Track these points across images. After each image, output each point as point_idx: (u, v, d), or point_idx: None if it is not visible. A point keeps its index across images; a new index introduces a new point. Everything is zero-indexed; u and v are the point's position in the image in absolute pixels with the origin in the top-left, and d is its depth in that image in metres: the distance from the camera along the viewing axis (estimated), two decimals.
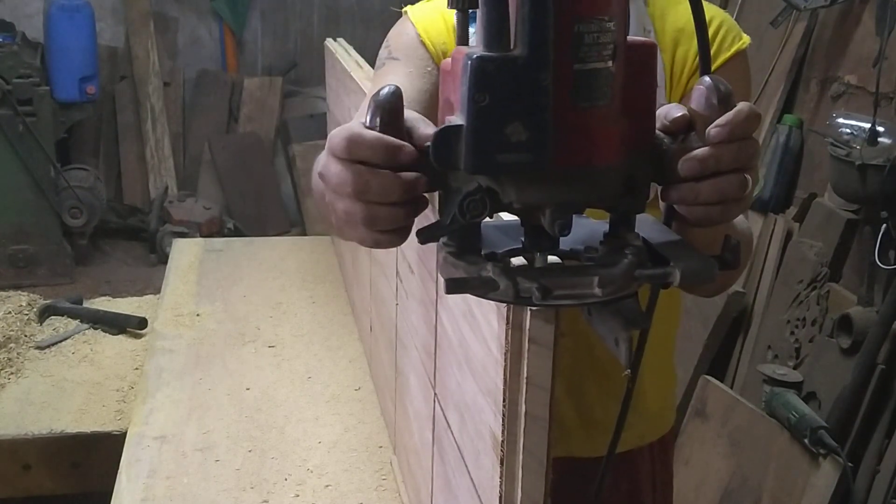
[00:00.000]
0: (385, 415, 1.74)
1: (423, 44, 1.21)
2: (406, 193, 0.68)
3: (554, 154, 0.64)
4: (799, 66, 3.10)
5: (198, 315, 2.25)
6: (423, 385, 1.24)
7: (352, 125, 0.70)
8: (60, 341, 2.30)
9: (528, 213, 0.69)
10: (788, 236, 2.91)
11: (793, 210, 2.96)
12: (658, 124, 0.72)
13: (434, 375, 1.15)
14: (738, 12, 3.28)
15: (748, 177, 0.71)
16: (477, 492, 0.93)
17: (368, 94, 0.74)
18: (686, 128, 0.72)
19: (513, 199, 0.67)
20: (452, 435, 1.05)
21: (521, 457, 0.80)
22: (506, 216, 0.75)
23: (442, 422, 1.11)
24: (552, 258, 0.72)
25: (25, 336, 2.31)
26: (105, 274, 4.94)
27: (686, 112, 0.72)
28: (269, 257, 2.70)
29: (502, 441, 0.81)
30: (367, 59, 2.10)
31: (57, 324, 2.41)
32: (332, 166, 0.70)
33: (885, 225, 2.47)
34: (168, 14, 5.61)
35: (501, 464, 0.82)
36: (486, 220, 0.69)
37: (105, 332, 2.35)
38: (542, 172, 0.65)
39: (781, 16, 3.06)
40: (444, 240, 0.71)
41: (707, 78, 0.72)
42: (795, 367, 2.67)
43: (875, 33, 2.68)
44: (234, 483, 1.56)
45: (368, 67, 2.00)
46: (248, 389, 1.89)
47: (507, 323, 0.78)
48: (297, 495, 1.53)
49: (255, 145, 5.57)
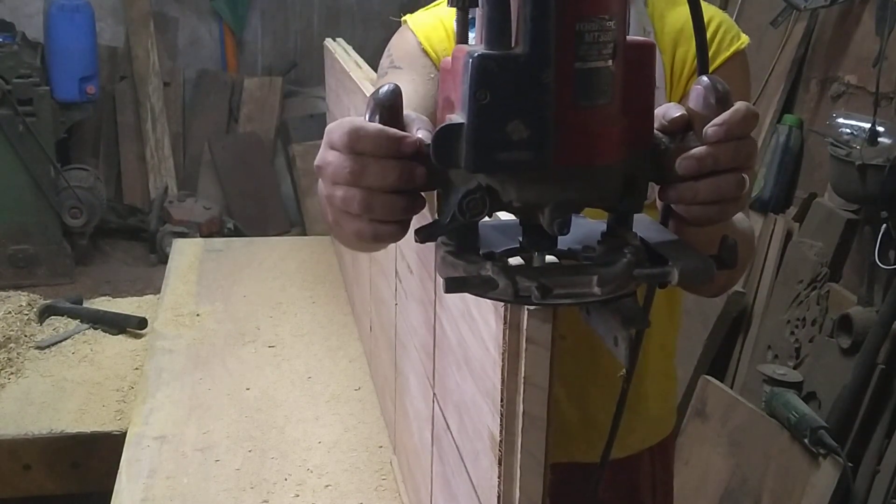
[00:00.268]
0: (385, 415, 1.74)
1: (424, 51, 1.21)
2: (404, 179, 0.67)
3: (554, 153, 0.64)
4: (799, 66, 3.10)
5: (198, 315, 2.25)
6: (423, 385, 1.24)
7: (351, 118, 0.70)
8: (60, 341, 2.30)
9: (527, 212, 0.69)
10: (788, 236, 2.91)
11: (793, 210, 2.96)
12: (656, 124, 0.72)
13: (433, 375, 1.15)
14: (738, 12, 3.28)
15: (746, 176, 0.71)
16: (476, 492, 0.93)
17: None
18: (684, 127, 0.72)
19: (512, 198, 0.67)
20: (451, 435, 1.05)
21: (519, 457, 0.80)
22: (504, 215, 0.75)
23: (441, 422, 1.11)
24: (550, 257, 0.72)
25: (25, 336, 2.31)
26: (105, 274, 4.94)
27: (684, 112, 0.72)
28: (269, 257, 2.70)
29: (500, 441, 0.81)
30: (367, 59, 2.10)
31: (57, 324, 2.41)
32: (330, 156, 0.70)
33: (885, 225, 2.47)
34: (168, 14, 5.61)
35: (500, 464, 0.82)
36: (484, 219, 0.69)
37: (105, 332, 2.35)
38: (542, 171, 0.65)
39: (781, 16, 3.06)
40: (442, 239, 0.71)
41: (705, 77, 0.72)
42: (795, 367, 2.67)
43: (875, 33, 2.68)
44: (234, 483, 1.56)
45: (368, 67, 2.00)
46: (248, 389, 1.89)
47: (505, 323, 0.78)
48: (297, 495, 1.53)
49: (255, 145, 5.57)
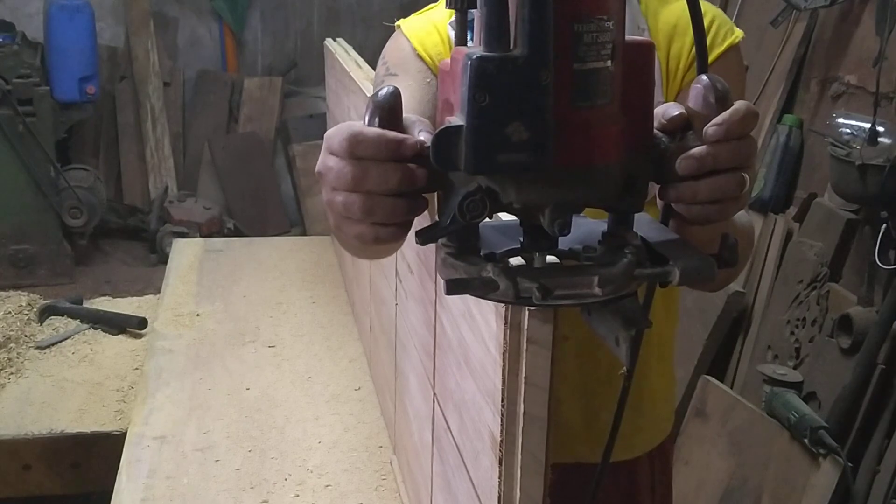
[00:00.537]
0: (385, 415, 1.74)
1: (419, 56, 1.20)
2: (405, 181, 0.67)
3: (554, 154, 0.64)
4: (799, 66, 3.10)
5: (198, 315, 2.25)
6: (423, 385, 1.24)
7: (350, 123, 0.69)
8: (60, 341, 2.30)
9: (527, 212, 0.69)
10: (788, 236, 2.91)
11: (793, 210, 2.96)
12: (656, 123, 0.72)
13: (433, 375, 1.15)
14: (738, 12, 3.28)
15: (746, 175, 0.71)
16: (476, 492, 0.93)
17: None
18: (684, 127, 0.72)
19: (512, 199, 0.67)
20: (452, 435, 1.05)
21: (519, 457, 0.80)
22: (504, 216, 0.75)
23: (441, 422, 1.11)
24: (551, 258, 0.72)
25: (25, 336, 2.32)
26: (105, 274, 4.93)
27: (684, 111, 0.72)
28: (269, 257, 2.70)
29: (501, 441, 0.81)
30: (367, 59, 2.11)
31: (57, 324, 2.41)
32: (331, 162, 0.70)
33: (885, 225, 2.47)
34: (168, 14, 5.61)
35: (500, 464, 0.82)
36: (485, 220, 0.69)
37: (105, 332, 2.35)
38: (542, 172, 0.65)
39: (781, 16, 3.06)
40: (443, 241, 0.71)
41: (704, 77, 0.72)
42: (795, 367, 2.67)
43: (875, 33, 2.68)
44: (234, 483, 1.56)
45: (368, 67, 2.01)
46: (248, 389, 1.89)
47: (506, 323, 0.78)
48: (297, 495, 1.53)
49: (255, 145, 5.57)
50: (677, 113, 0.72)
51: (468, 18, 0.70)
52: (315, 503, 1.52)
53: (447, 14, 1.24)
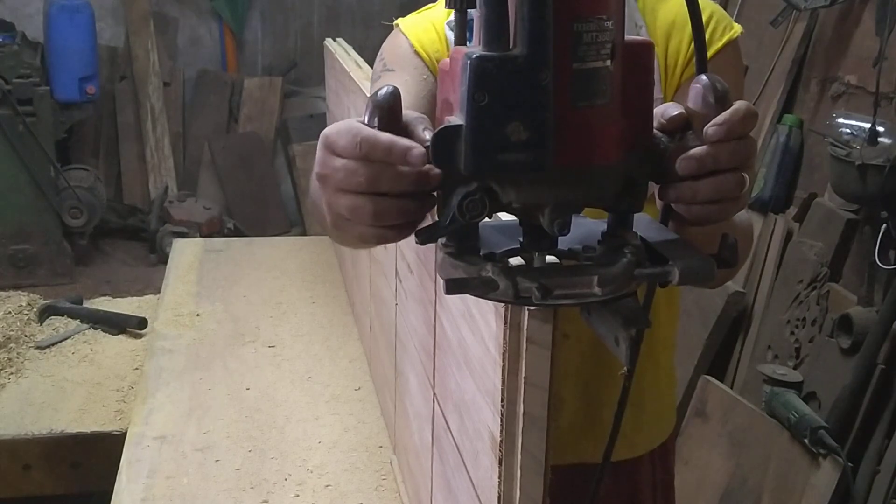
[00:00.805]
0: (385, 415, 1.74)
1: (416, 53, 1.22)
2: (417, 184, 0.67)
3: (554, 153, 0.64)
4: (799, 66, 3.10)
5: (198, 315, 2.25)
6: (423, 385, 1.24)
7: (350, 123, 0.69)
8: (60, 341, 2.30)
9: (527, 212, 0.69)
10: (788, 236, 2.91)
11: (793, 210, 2.96)
12: (655, 123, 0.72)
13: (433, 375, 1.15)
14: (738, 12, 3.28)
15: (746, 175, 0.71)
16: (476, 492, 0.93)
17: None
18: (683, 127, 0.72)
19: (512, 199, 0.67)
20: (452, 435, 1.05)
21: (519, 457, 0.80)
22: (504, 216, 0.75)
23: (441, 422, 1.11)
24: (551, 258, 0.72)
25: (25, 336, 2.31)
26: (105, 274, 4.94)
27: (683, 111, 0.72)
28: (269, 257, 2.70)
29: (501, 441, 0.81)
30: (367, 59, 2.10)
31: (57, 324, 2.41)
32: (335, 163, 0.69)
33: (885, 225, 2.47)
34: (168, 14, 5.61)
35: (500, 464, 0.82)
36: (485, 220, 0.69)
37: (105, 332, 2.35)
38: (541, 172, 0.65)
39: (781, 16, 3.06)
40: (442, 240, 0.71)
41: (704, 77, 0.72)
42: (795, 367, 2.67)
43: (875, 33, 2.68)
44: (234, 483, 1.56)
45: (368, 67, 2.00)
46: (248, 389, 1.89)
47: (506, 323, 0.78)
48: (297, 495, 1.53)
49: (255, 145, 5.57)
50: (677, 113, 0.72)
51: (468, 18, 0.70)
52: (315, 503, 1.52)
53: (445, 13, 1.24)
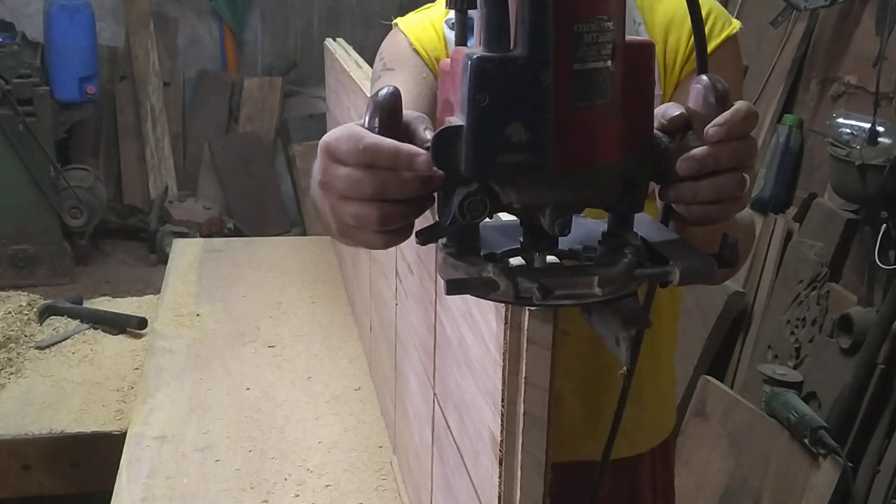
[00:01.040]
0: (385, 415, 1.74)
1: (416, 52, 1.22)
2: (423, 189, 0.67)
3: (554, 154, 0.64)
4: (799, 66, 3.10)
5: (198, 315, 2.25)
6: (423, 385, 1.24)
7: (351, 129, 0.69)
8: (60, 341, 2.30)
9: (527, 213, 0.69)
10: (788, 236, 2.91)
11: (793, 210, 2.96)
12: (656, 123, 0.72)
13: (433, 375, 1.15)
14: (738, 12, 3.28)
15: (746, 176, 0.71)
16: (476, 492, 0.93)
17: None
18: (684, 127, 0.72)
19: (513, 200, 0.67)
20: (452, 435, 1.05)
21: (519, 457, 0.80)
22: (504, 216, 0.75)
23: (441, 422, 1.11)
24: (551, 258, 0.72)
25: (25, 336, 2.31)
26: (105, 274, 4.93)
27: (684, 111, 0.72)
28: (269, 257, 2.70)
29: (501, 441, 0.81)
30: (367, 59, 2.10)
31: (57, 324, 2.41)
32: (338, 171, 0.68)
33: (885, 225, 2.47)
34: (168, 14, 5.61)
35: (500, 464, 0.82)
36: (485, 220, 0.69)
37: (105, 332, 2.35)
38: (542, 172, 0.65)
39: (781, 16, 3.06)
40: (443, 241, 0.71)
41: (704, 77, 0.72)
42: (795, 367, 2.67)
43: (875, 33, 2.68)
44: (234, 483, 1.56)
45: (368, 67, 2.00)
46: (248, 389, 1.89)
47: (506, 323, 0.78)
48: (297, 495, 1.53)
49: (255, 145, 5.57)
50: (677, 113, 0.72)
51: (468, 18, 0.70)
52: (315, 503, 1.52)
53: (443, 12, 1.25)
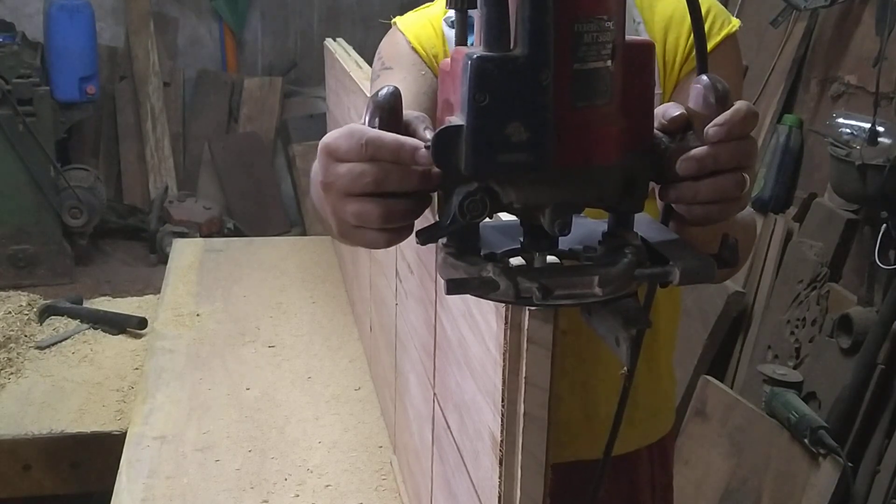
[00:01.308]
0: (385, 415, 1.74)
1: (414, 50, 1.23)
2: (423, 183, 0.67)
3: (554, 154, 0.64)
4: (799, 66, 3.10)
5: (198, 315, 2.25)
6: (423, 385, 1.24)
7: (350, 127, 0.69)
8: (60, 341, 2.30)
9: (527, 213, 0.69)
10: (788, 236, 2.91)
11: (793, 210, 2.96)
12: (656, 123, 0.72)
13: (433, 375, 1.15)
14: (738, 12, 3.28)
15: (746, 176, 0.71)
16: (476, 492, 0.93)
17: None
18: (684, 127, 0.72)
19: (513, 199, 0.67)
20: (452, 435, 1.05)
21: (519, 457, 0.80)
22: (504, 216, 0.75)
23: (441, 422, 1.11)
24: (551, 258, 0.72)
25: (25, 336, 2.31)
26: (105, 274, 4.93)
27: (684, 111, 0.72)
28: (269, 257, 2.70)
29: (501, 441, 0.81)
30: (367, 59, 2.10)
31: (57, 324, 2.41)
32: (340, 168, 0.69)
33: (885, 225, 2.47)
34: (168, 14, 5.61)
35: (500, 464, 0.82)
36: (485, 220, 0.69)
37: (105, 332, 2.35)
38: (542, 172, 0.65)
39: (781, 16, 3.06)
40: (443, 241, 0.71)
41: (704, 77, 0.72)
42: (795, 367, 2.67)
43: (875, 33, 2.68)
44: (234, 483, 1.56)
45: (368, 67, 2.00)
46: (248, 389, 1.89)
47: (506, 323, 0.78)
48: (297, 495, 1.53)
49: (255, 145, 5.57)
50: (677, 113, 0.72)
51: (468, 18, 0.70)
52: (315, 503, 1.52)
53: (442, 10, 1.25)
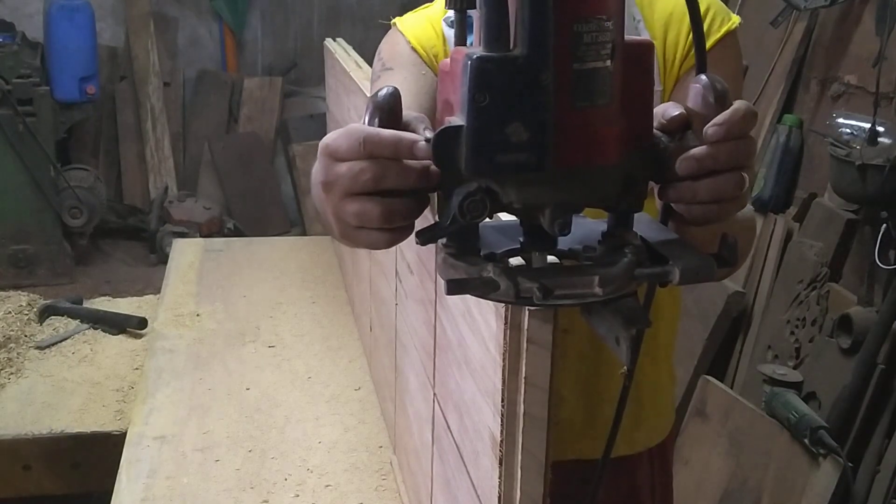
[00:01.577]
0: (385, 415, 1.74)
1: (414, 50, 1.23)
2: (422, 181, 0.67)
3: (554, 154, 0.64)
4: (799, 66, 3.10)
5: (198, 315, 2.25)
6: (423, 385, 1.24)
7: (349, 127, 0.69)
8: (60, 341, 2.30)
9: (527, 213, 0.69)
10: (788, 236, 2.91)
11: (793, 210, 2.96)
12: (655, 123, 0.72)
13: (433, 376, 1.15)
14: (738, 12, 3.27)
15: (745, 175, 0.71)
16: (476, 492, 0.93)
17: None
18: (683, 127, 0.72)
19: (512, 200, 0.67)
20: (452, 435, 1.05)
21: (519, 457, 0.80)
22: (504, 216, 0.75)
23: (441, 422, 1.11)
24: (551, 258, 0.72)
25: (25, 336, 2.31)
26: (105, 274, 4.93)
27: (683, 111, 0.72)
28: (269, 257, 2.70)
29: (501, 441, 0.81)
30: (367, 59, 2.10)
31: (57, 324, 2.41)
32: (339, 168, 0.69)
33: (885, 225, 2.47)
34: (168, 14, 5.61)
35: (500, 464, 0.82)
36: (485, 220, 0.69)
37: (105, 332, 2.35)
38: (542, 172, 0.65)
39: (781, 16, 3.07)
40: (443, 241, 0.71)
41: (703, 76, 0.72)
42: (795, 367, 2.67)
43: (875, 33, 2.68)
44: (234, 483, 1.56)
45: (368, 67, 2.01)
46: (248, 389, 1.89)
47: (506, 323, 0.78)
48: (297, 495, 1.53)
49: (255, 145, 5.57)
50: (677, 113, 0.72)
51: (467, 18, 0.70)
52: (315, 503, 1.52)
53: (442, 10, 1.25)
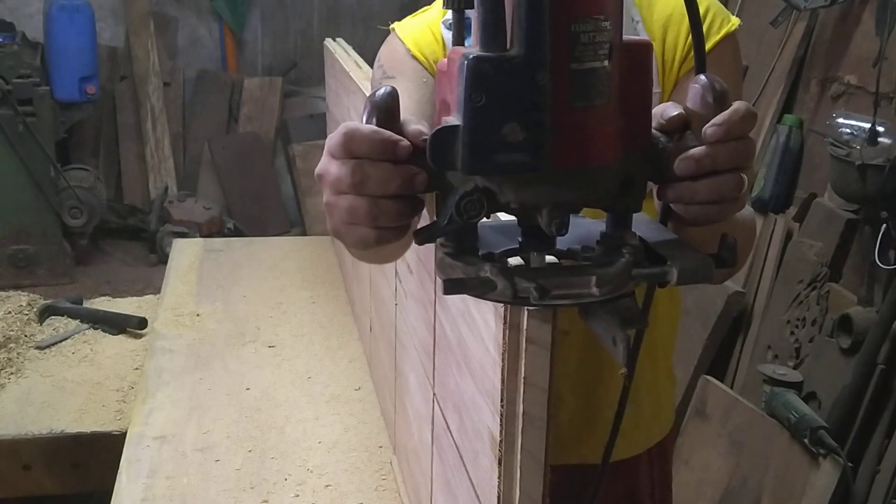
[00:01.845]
0: (385, 415, 1.74)
1: (413, 56, 1.22)
2: (405, 184, 0.68)
3: (551, 154, 0.64)
4: (799, 66, 3.10)
5: (198, 315, 2.25)
6: (423, 385, 1.24)
7: (347, 123, 0.70)
8: (60, 341, 2.30)
9: (525, 213, 0.69)
10: (788, 236, 2.91)
11: (793, 210, 2.96)
12: (654, 123, 0.72)
13: (433, 375, 1.15)
14: (738, 12, 3.28)
15: (744, 176, 0.71)
16: (476, 492, 0.93)
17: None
18: (682, 127, 0.71)
19: (510, 200, 0.67)
20: (451, 435, 1.05)
21: (518, 457, 0.80)
22: (502, 216, 0.75)
23: (441, 422, 1.11)
24: (549, 258, 0.72)
25: (25, 336, 2.32)
26: (105, 274, 4.93)
27: (682, 111, 0.72)
28: (269, 257, 2.70)
29: (500, 441, 0.81)
30: (367, 60, 2.10)
31: (57, 324, 2.41)
32: (331, 166, 0.70)
33: (885, 225, 2.47)
34: (168, 14, 5.61)
35: (500, 464, 0.82)
36: (483, 220, 0.69)
37: (105, 332, 2.35)
38: (539, 172, 0.65)
39: (781, 16, 3.06)
40: (441, 240, 0.71)
41: (703, 76, 0.71)
42: (795, 367, 2.67)
43: (875, 33, 2.68)
44: (234, 483, 1.56)
45: (368, 67, 2.01)
46: (248, 389, 1.89)
47: (505, 323, 0.78)
48: (297, 495, 1.53)
49: (255, 145, 5.57)
50: (676, 113, 0.71)
51: (465, 18, 0.70)
52: (315, 503, 1.52)
53: (440, 13, 1.24)
